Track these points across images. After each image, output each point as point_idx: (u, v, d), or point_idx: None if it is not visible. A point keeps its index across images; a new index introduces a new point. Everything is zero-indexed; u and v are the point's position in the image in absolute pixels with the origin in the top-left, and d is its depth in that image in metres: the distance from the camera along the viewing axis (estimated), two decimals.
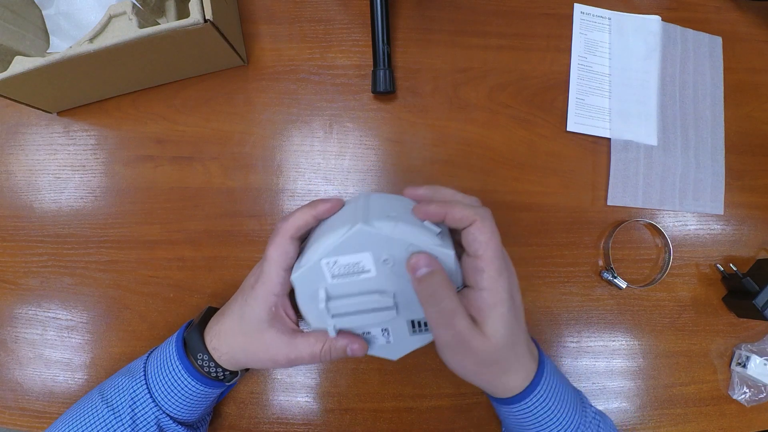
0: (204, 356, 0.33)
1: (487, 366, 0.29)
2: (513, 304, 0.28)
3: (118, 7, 0.37)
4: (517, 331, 0.29)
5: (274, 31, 0.48)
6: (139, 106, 0.46)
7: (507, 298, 0.27)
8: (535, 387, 0.30)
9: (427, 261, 0.26)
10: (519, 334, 0.29)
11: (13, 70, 0.36)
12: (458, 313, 0.26)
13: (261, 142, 0.46)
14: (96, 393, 0.35)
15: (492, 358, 0.28)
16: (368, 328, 0.30)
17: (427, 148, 0.47)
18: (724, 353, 0.48)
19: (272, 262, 0.29)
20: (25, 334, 0.43)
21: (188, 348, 0.34)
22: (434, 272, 0.26)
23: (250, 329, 0.31)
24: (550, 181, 0.48)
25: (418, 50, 0.48)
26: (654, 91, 0.50)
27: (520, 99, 0.49)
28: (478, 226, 0.26)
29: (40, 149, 0.46)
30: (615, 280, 0.46)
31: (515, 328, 0.28)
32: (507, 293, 0.27)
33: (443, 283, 0.26)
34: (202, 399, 0.35)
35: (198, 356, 0.33)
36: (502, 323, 0.27)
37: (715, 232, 0.49)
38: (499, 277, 0.26)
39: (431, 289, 0.26)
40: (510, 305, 0.27)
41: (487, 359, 0.28)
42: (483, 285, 0.26)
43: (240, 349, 0.32)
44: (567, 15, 0.51)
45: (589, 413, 0.34)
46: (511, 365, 0.29)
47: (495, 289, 0.26)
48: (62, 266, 0.44)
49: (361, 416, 0.44)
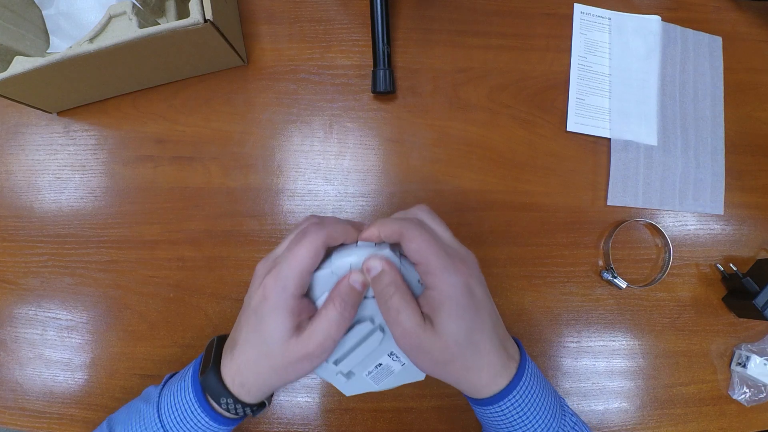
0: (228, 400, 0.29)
1: (444, 364, 0.28)
2: (470, 301, 0.27)
3: (118, 7, 0.38)
4: (477, 328, 0.28)
5: (274, 31, 0.48)
6: (139, 106, 0.46)
7: (457, 293, 0.26)
8: (512, 390, 0.29)
9: (378, 262, 0.26)
10: (481, 331, 0.28)
11: (13, 70, 0.36)
12: (404, 311, 0.26)
13: (261, 142, 0.46)
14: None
15: (446, 356, 0.27)
16: (374, 361, 0.30)
17: (427, 148, 0.47)
18: (724, 353, 0.48)
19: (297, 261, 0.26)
20: (25, 334, 0.43)
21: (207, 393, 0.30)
22: (383, 271, 0.26)
23: (275, 347, 0.27)
24: (550, 181, 0.48)
25: (418, 50, 0.48)
26: (654, 91, 0.50)
27: (520, 99, 0.49)
28: (406, 237, 0.26)
29: (40, 149, 0.46)
30: (615, 280, 0.46)
31: (473, 324, 0.27)
32: (456, 288, 0.26)
33: (392, 281, 0.26)
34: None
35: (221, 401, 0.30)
36: (452, 320, 0.26)
37: (715, 232, 0.49)
38: (444, 275, 0.26)
39: (381, 287, 0.27)
40: (461, 301, 0.27)
41: (440, 357, 0.27)
42: (430, 284, 0.27)
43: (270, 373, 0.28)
44: (567, 15, 0.51)
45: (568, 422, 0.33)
46: (473, 363, 0.28)
47: (441, 288, 0.26)
48: (62, 266, 0.44)
49: (361, 416, 0.44)
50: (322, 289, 0.28)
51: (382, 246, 0.28)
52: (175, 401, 0.31)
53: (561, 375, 0.46)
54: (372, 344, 0.29)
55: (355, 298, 0.27)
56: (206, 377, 0.30)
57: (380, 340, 0.29)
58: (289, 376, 0.29)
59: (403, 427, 0.44)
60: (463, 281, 0.27)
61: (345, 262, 0.27)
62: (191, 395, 0.30)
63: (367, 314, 0.29)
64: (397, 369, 0.31)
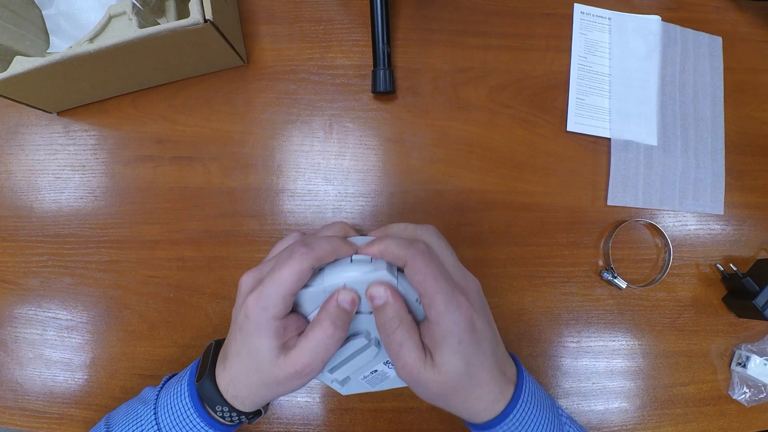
0: (224, 408, 0.30)
1: (443, 396, 0.28)
2: (471, 334, 0.27)
3: (118, 7, 0.37)
4: (478, 360, 0.28)
5: (274, 31, 0.48)
6: (139, 106, 0.46)
7: (459, 330, 0.26)
8: (509, 414, 0.29)
9: (382, 291, 0.26)
10: (481, 363, 0.28)
11: (13, 70, 0.36)
12: (406, 345, 0.26)
13: (261, 142, 0.46)
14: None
15: (445, 390, 0.27)
16: (370, 369, 0.30)
17: (427, 148, 0.47)
18: (724, 353, 0.48)
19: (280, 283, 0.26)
20: (25, 334, 0.43)
21: (203, 400, 0.30)
22: (386, 304, 0.26)
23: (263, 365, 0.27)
24: (550, 181, 0.48)
25: (418, 50, 0.48)
26: (654, 91, 0.50)
27: (520, 99, 0.49)
28: (411, 266, 0.26)
29: (40, 149, 0.46)
30: (615, 280, 0.46)
31: (474, 357, 0.27)
32: (458, 325, 0.26)
33: (395, 314, 0.26)
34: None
35: (217, 408, 0.30)
36: (452, 356, 0.27)
37: (715, 232, 0.49)
38: (448, 312, 0.26)
39: (385, 319, 0.26)
40: (463, 336, 0.27)
41: (439, 390, 0.27)
42: (432, 318, 0.26)
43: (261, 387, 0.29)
44: (567, 15, 0.51)
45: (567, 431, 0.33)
46: (471, 394, 0.29)
47: (443, 323, 0.26)
48: (62, 266, 0.44)
49: (361, 416, 0.44)
50: (312, 305, 0.27)
51: (378, 263, 0.27)
52: (172, 404, 0.31)
53: (561, 375, 0.46)
54: (367, 357, 0.29)
55: (344, 318, 0.27)
56: (202, 384, 0.30)
57: (375, 354, 0.29)
58: (280, 391, 0.29)
59: (403, 427, 0.44)
60: (465, 318, 0.27)
61: (338, 282, 0.26)
62: (188, 400, 0.30)
63: (363, 328, 0.28)
64: (392, 375, 0.31)
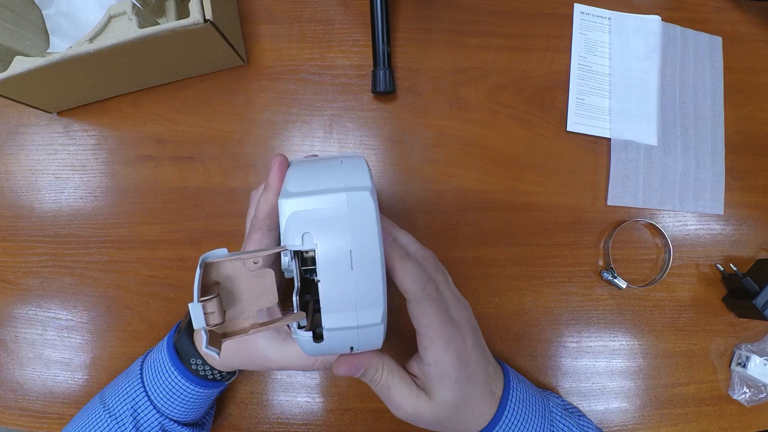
0: (197, 360, 0.32)
1: (438, 424, 0.29)
2: (465, 371, 0.28)
3: (118, 7, 0.37)
4: (470, 393, 0.29)
5: (274, 31, 0.48)
6: (139, 106, 0.46)
7: (455, 371, 0.27)
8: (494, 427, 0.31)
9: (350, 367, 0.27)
10: (473, 393, 0.30)
11: (13, 70, 0.36)
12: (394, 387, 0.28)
13: (261, 142, 0.46)
14: (98, 402, 0.35)
15: (440, 419, 0.29)
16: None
17: (427, 148, 0.47)
18: (724, 353, 0.48)
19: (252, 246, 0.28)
20: (25, 334, 0.43)
21: (180, 354, 0.33)
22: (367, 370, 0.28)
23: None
24: (550, 181, 0.48)
25: (418, 50, 0.48)
26: (654, 91, 0.50)
27: (520, 99, 0.49)
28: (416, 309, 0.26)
29: (40, 149, 0.46)
30: (615, 280, 0.46)
31: (467, 389, 0.29)
32: (454, 367, 0.27)
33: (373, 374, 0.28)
34: (203, 400, 0.34)
35: (191, 361, 0.32)
36: (448, 392, 0.28)
37: (715, 232, 0.49)
38: (445, 354, 0.27)
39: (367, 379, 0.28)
40: (459, 375, 0.28)
41: (434, 420, 0.29)
42: (429, 361, 0.27)
43: (232, 355, 0.31)
44: (567, 15, 0.51)
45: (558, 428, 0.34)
46: (464, 417, 0.30)
47: (439, 366, 0.27)
48: (62, 266, 0.44)
49: (361, 416, 0.44)
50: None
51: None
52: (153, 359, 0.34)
53: (561, 375, 0.46)
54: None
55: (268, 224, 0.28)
56: (179, 338, 0.33)
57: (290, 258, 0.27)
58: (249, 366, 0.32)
59: (403, 427, 0.43)
60: (462, 360, 0.28)
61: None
62: (165, 353, 0.33)
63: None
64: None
